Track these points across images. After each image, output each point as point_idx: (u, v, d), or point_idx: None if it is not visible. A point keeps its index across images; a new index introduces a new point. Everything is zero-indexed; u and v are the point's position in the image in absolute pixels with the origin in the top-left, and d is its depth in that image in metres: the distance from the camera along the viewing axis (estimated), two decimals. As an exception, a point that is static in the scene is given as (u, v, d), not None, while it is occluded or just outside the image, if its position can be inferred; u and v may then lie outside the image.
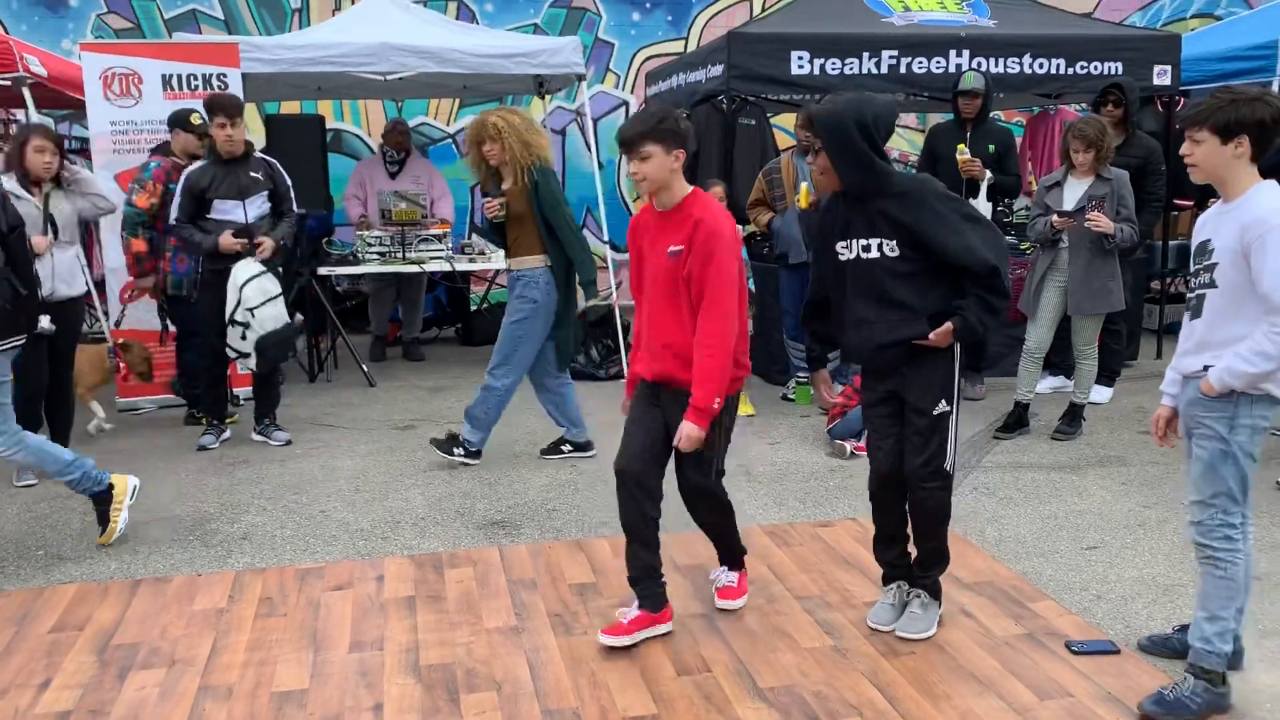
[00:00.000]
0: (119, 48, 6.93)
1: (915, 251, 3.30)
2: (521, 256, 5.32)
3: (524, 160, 5.14)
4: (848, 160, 3.29)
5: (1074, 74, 7.55)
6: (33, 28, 9.77)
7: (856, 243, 3.37)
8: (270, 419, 6.08)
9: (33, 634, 3.64)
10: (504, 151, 5.14)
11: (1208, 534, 2.98)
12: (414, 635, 3.59)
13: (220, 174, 5.72)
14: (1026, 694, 3.15)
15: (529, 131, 5.20)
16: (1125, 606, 3.79)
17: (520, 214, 5.24)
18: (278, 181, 5.92)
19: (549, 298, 5.33)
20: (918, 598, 3.60)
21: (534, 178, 5.16)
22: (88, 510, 4.92)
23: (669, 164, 3.33)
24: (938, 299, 3.35)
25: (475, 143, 5.23)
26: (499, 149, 5.15)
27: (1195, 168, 2.97)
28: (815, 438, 6.06)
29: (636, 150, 3.31)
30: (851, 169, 3.30)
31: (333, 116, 10.40)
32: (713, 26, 10.97)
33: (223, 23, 10.21)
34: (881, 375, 3.49)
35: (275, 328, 5.68)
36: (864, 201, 3.34)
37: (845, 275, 3.43)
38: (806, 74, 7.23)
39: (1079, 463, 5.57)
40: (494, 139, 5.14)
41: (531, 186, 5.17)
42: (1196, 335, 3.01)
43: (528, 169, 5.15)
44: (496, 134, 5.13)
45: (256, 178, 5.80)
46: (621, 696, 3.16)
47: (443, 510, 4.92)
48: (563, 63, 7.76)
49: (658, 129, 3.29)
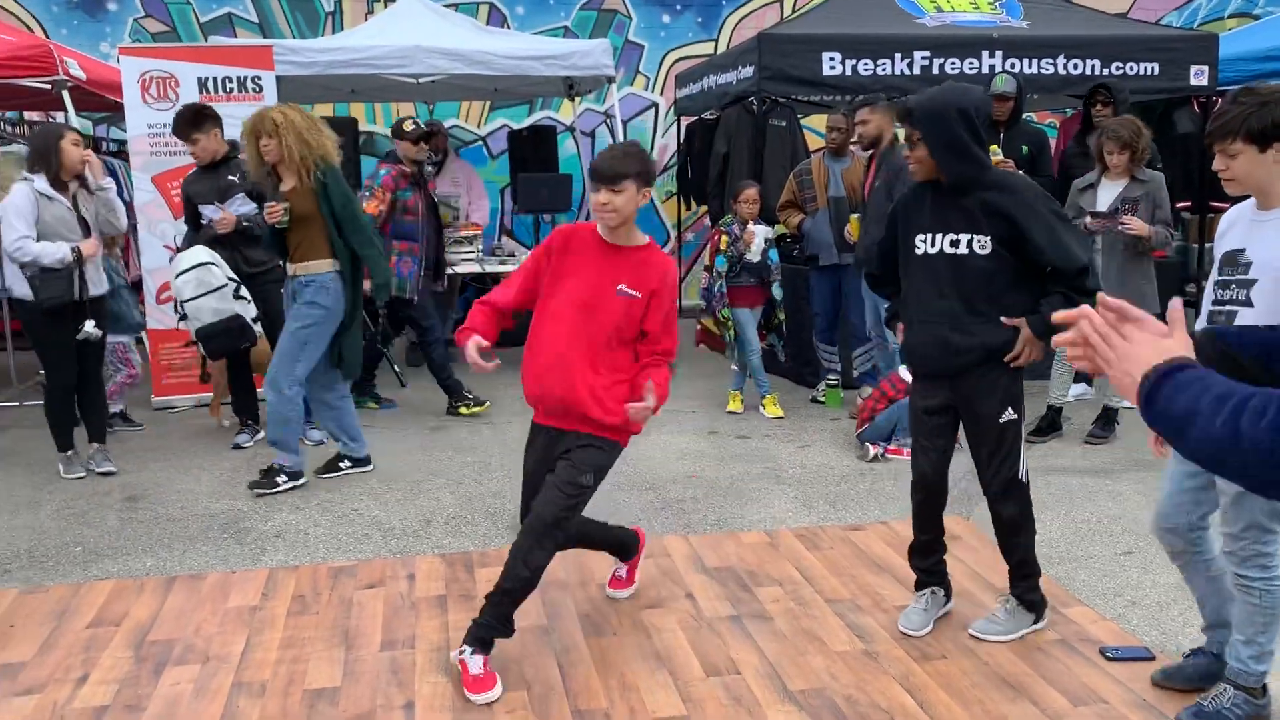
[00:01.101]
0: (156, 51, 7.03)
1: (1007, 250, 3.24)
2: (309, 261, 5.05)
3: (304, 159, 4.92)
4: (950, 150, 3.24)
5: (1109, 75, 7.47)
6: (72, 32, 9.92)
7: (943, 237, 3.30)
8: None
9: (71, 629, 3.69)
10: (281, 148, 4.92)
11: (1241, 563, 2.89)
12: (445, 634, 3.61)
13: (204, 180, 5.85)
14: (1060, 700, 3.12)
15: (311, 130, 4.96)
16: (1161, 613, 3.75)
17: (306, 215, 4.99)
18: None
19: (339, 304, 5.12)
20: (1006, 602, 3.55)
21: (321, 178, 4.96)
22: (124, 508, 5.00)
23: (636, 201, 3.30)
24: (1017, 307, 3.27)
25: (253, 136, 4.97)
26: (275, 145, 4.92)
27: (1233, 182, 2.77)
28: (845, 440, 6.04)
29: (614, 184, 3.23)
30: (954, 159, 3.25)
31: (365, 119, 10.49)
32: (743, 28, 10.96)
33: (257, 26, 10.32)
34: (940, 380, 3.40)
35: (213, 320, 5.57)
36: (963, 194, 3.27)
37: (919, 269, 3.36)
38: (838, 75, 7.21)
39: (1112, 467, 5.52)
40: (271, 135, 4.91)
41: (319, 187, 4.96)
42: None
43: (310, 169, 4.94)
44: (274, 130, 4.90)
45: (233, 180, 5.83)
46: (651, 698, 3.17)
47: (473, 510, 4.95)
48: (592, 65, 7.78)
49: (639, 168, 3.26)
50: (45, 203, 5.17)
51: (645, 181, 3.30)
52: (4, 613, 3.83)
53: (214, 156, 5.78)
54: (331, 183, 4.98)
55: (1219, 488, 2.91)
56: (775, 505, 4.97)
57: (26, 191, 5.15)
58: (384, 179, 6.43)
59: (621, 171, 3.25)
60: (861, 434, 5.75)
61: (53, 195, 5.20)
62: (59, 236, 5.18)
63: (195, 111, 5.79)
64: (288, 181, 5.02)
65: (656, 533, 4.51)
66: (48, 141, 5.24)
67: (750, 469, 5.55)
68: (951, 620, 3.66)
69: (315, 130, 5.00)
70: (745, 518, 4.80)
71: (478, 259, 8.06)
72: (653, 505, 4.98)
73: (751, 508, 4.94)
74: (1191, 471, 2.98)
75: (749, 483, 5.32)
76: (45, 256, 5.10)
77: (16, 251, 5.09)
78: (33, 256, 5.09)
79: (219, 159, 5.80)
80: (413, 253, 6.55)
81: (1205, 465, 1.45)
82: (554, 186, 8.81)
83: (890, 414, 5.66)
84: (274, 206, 4.98)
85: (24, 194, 5.14)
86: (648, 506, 4.87)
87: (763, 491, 5.18)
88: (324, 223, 5.01)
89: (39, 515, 4.94)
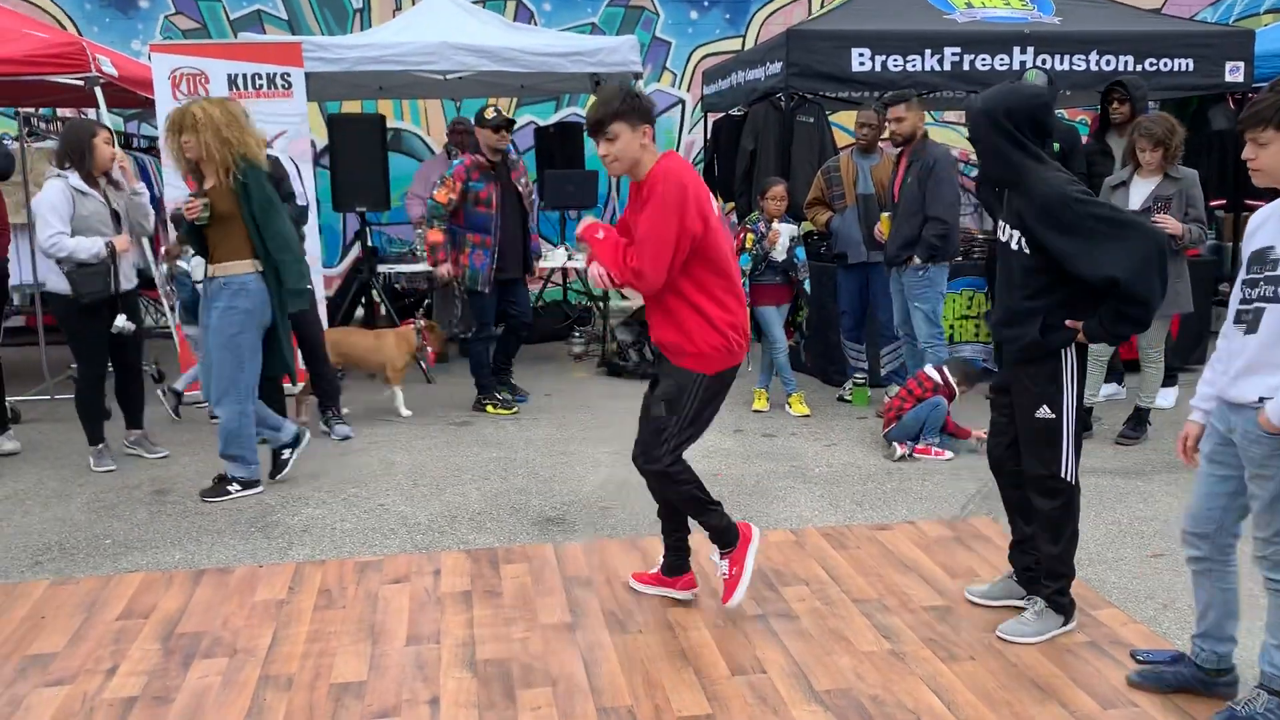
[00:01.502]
0: (186, 48, 7.07)
1: (1037, 251, 3.29)
2: (228, 261, 4.90)
3: (222, 158, 4.77)
4: (982, 151, 3.36)
5: (1142, 71, 7.38)
6: (104, 29, 10.01)
7: (1007, 228, 3.40)
8: (334, 410, 6.18)
9: (101, 621, 3.72)
10: (199, 146, 4.77)
11: (1274, 567, 2.84)
12: (470, 630, 3.61)
13: None
14: (1090, 703, 3.09)
15: (230, 127, 4.78)
16: (1193, 616, 3.68)
17: (226, 215, 4.85)
18: (278, 176, 5.71)
19: (261, 305, 4.95)
20: (1034, 604, 3.53)
21: (241, 178, 4.80)
22: (154, 501, 5.04)
23: (637, 140, 3.33)
24: (1056, 305, 3.29)
25: (175, 132, 4.83)
26: (195, 142, 4.76)
27: (1260, 172, 2.75)
28: (872, 440, 6.00)
29: (603, 132, 3.32)
30: (987, 160, 3.37)
31: (393, 116, 10.52)
32: (770, 24, 10.91)
33: (286, 23, 10.38)
34: (1002, 363, 3.58)
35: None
36: (1006, 191, 3.40)
37: (1000, 254, 3.50)
38: (868, 71, 7.16)
39: (1144, 468, 5.45)
40: (191, 130, 4.75)
41: (239, 187, 4.81)
42: (1248, 354, 2.75)
43: (230, 168, 4.78)
44: (194, 126, 4.74)
45: None
46: (676, 696, 3.16)
47: (498, 506, 4.95)
48: (620, 61, 7.77)
49: (622, 108, 3.30)
50: (80, 198, 5.23)
51: (639, 118, 3.32)
52: (35, 604, 3.87)
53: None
54: (252, 183, 4.82)
55: (1250, 492, 2.86)
56: (801, 504, 4.94)
57: (61, 187, 5.20)
58: (455, 168, 6.39)
59: (604, 116, 3.30)
60: (889, 433, 5.71)
61: (86, 190, 5.26)
62: (93, 231, 5.23)
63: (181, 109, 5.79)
64: (209, 179, 4.86)
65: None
66: (81, 138, 5.29)
67: (776, 468, 5.52)
68: (979, 621, 3.63)
69: (236, 127, 4.82)
70: (771, 516, 4.78)
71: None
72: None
73: (777, 506, 4.92)
74: (1224, 476, 2.93)
75: (775, 481, 5.29)
76: (81, 251, 5.16)
77: (52, 247, 5.14)
78: (68, 252, 5.14)
79: None
80: (484, 245, 6.44)
81: None
82: (580, 182, 8.81)
83: (918, 413, 5.62)
84: (193, 202, 4.82)
85: (58, 190, 5.19)
86: (673, 504, 4.86)
87: (789, 490, 5.16)
88: (244, 222, 4.86)
89: (70, 508, 4.99)
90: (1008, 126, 3.25)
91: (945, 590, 3.91)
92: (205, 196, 4.83)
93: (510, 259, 6.59)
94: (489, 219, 6.44)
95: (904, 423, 5.64)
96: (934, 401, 5.64)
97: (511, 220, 6.56)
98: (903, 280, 6.09)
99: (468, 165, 6.40)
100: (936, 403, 5.64)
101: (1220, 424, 2.91)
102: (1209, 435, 2.97)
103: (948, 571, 4.08)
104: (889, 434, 5.71)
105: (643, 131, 3.34)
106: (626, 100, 3.31)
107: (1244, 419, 2.79)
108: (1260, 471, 2.79)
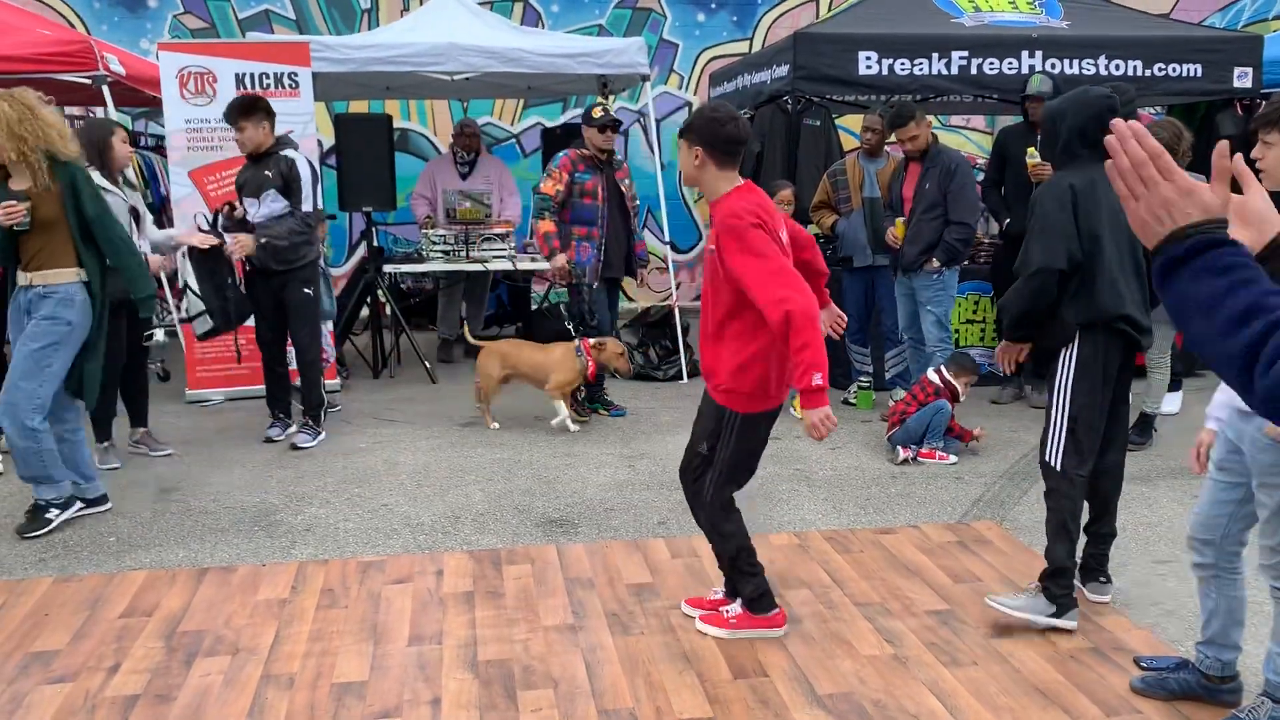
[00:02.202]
0: (194, 47, 7.09)
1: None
2: (49, 269, 4.49)
3: (24, 156, 4.35)
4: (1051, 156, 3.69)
5: (1151, 76, 7.36)
6: (113, 28, 10.04)
7: None
8: (311, 419, 6.08)
9: (103, 618, 3.73)
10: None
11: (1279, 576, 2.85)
12: (472, 630, 3.61)
13: (248, 172, 5.88)
14: (1093, 709, 3.08)
15: (24, 123, 4.34)
16: (1198, 623, 3.67)
17: (49, 220, 4.46)
18: (290, 178, 5.77)
19: (85, 319, 4.56)
20: (1031, 585, 3.64)
21: (67, 178, 4.45)
22: (158, 499, 5.05)
23: (690, 159, 3.35)
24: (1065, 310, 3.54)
25: None
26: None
27: (1265, 173, 2.74)
28: (876, 443, 5.99)
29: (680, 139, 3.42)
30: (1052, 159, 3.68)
31: (400, 116, 10.54)
32: (778, 27, 10.91)
33: (294, 23, 10.40)
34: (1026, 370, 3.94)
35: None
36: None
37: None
38: (875, 74, 7.15)
39: (1149, 474, 5.44)
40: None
41: (67, 188, 4.45)
42: None
43: (39, 167, 4.38)
44: None
45: (269, 175, 5.80)
46: (677, 699, 3.15)
47: (502, 507, 4.95)
48: (627, 63, 7.77)
49: (688, 124, 3.36)
50: (103, 195, 5.25)
51: (697, 139, 3.31)
52: (38, 601, 3.88)
53: (256, 148, 5.79)
54: (81, 183, 4.49)
55: (1258, 500, 2.85)
56: (805, 507, 4.93)
57: None
58: (561, 159, 6.26)
59: (682, 127, 3.38)
60: (892, 437, 5.71)
61: (108, 187, 5.28)
62: None
63: (250, 100, 5.80)
64: (19, 181, 4.44)
65: (684, 533, 4.50)
66: (101, 136, 5.33)
67: (780, 470, 5.51)
68: (982, 627, 3.62)
69: (30, 122, 4.36)
70: (775, 519, 4.77)
71: (510, 256, 8.07)
72: (681, 505, 4.93)
73: (781, 509, 4.91)
74: (1232, 483, 2.93)
75: (779, 484, 5.29)
76: None
77: None
78: None
79: (262, 152, 5.82)
80: (591, 238, 6.30)
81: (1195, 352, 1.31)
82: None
83: (921, 416, 5.61)
84: (13, 207, 4.38)
85: None
86: (676, 506, 4.85)
87: (792, 493, 5.15)
88: (69, 228, 4.49)
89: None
90: (1052, 130, 3.57)
91: (948, 595, 3.90)
92: (26, 198, 4.41)
93: (614, 257, 6.43)
94: (595, 211, 6.28)
95: (908, 427, 5.63)
96: (937, 405, 5.63)
97: (616, 218, 6.41)
98: (914, 284, 6.09)
99: (573, 157, 6.25)
100: (940, 406, 5.63)
101: (1231, 432, 2.90)
102: (1219, 443, 2.96)
103: (951, 576, 4.08)
104: (893, 438, 5.71)
105: (694, 153, 3.32)
106: (694, 117, 3.35)
107: (1253, 427, 2.79)
108: (1267, 480, 2.78)
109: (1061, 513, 3.54)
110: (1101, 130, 3.38)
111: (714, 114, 3.31)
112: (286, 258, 5.84)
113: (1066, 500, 3.55)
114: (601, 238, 6.31)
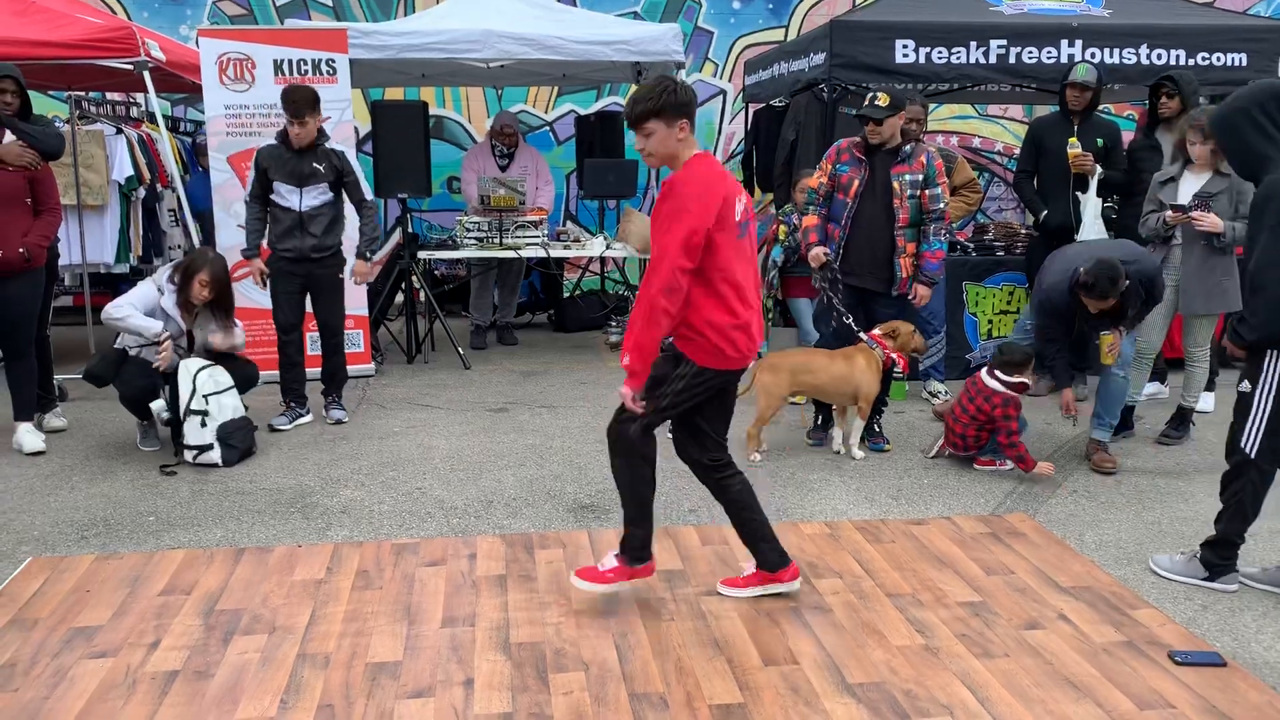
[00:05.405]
0: (234, 33, 7.15)
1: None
2: None
3: None
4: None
5: (1195, 65, 7.25)
6: (153, 14, 10.14)
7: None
8: (334, 396, 6.28)
9: (144, 595, 3.80)
10: None
11: None
12: (504, 613, 3.64)
13: (285, 157, 5.85)
14: (1125, 703, 3.06)
15: None
16: (1233, 619, 3.65)
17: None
18: (344, 171, 5.90)
19: None
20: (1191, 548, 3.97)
21: None
22: (196, 480, 5.12)
23: (673, 135, 3.36)
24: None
25: None
26: None
27: None
28: (909, 433, 5.96)
29: (640, 128, 3.36)
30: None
31: (435, 103, 10.58)
32: (814, 15, 10.84)
33: (331, 10, 10.46)
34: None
35: (234, 416, 5.45)
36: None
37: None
38: (911, 63, 7.09)
39: (1185, 468, 5.38)
40: None
41: None
42: None
43: None
44: None
45: (318, 168, 5.84)
46: (708, 684, 3.17)
47: (534, 492, 4.98)
48: (662, 50, 7.76)
49: (657, 105, 3.32)
50: (161, 315, 5.44)
51: (675, 113, 3.34)
52: (81, 577, 3.95)
53: (310, 141, 5.84)
54: None
55: None
56: (837, 497, 4.93)
57: (153, 295, 5.45)
58: (830, 150, 5.66)
59: (640, 113, 3.35)
60: (972, 455, 5.41)
61: (171, 314, 5.44)
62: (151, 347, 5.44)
63: (315, 94, 5.80)
64: None
65: (714, 521, 4.51)
66: (188, 273, 5.42)
67: (812, 460, 5.51)
68: (1014, 618, 3.61)
69: None
70: (806, 508, 4.77)
71: (543, 243, 8.10)
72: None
73: (812, 498, 4.91)
74: None
75: (810, 473, 5.28)
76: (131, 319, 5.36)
77: (114, 308, 5.36)
78: (123, 317, 5.35)
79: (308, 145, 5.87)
80: (831, 236, 5.59)
81: None
82: (620, 172, 8.80)
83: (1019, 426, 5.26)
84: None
85: (149, 294, 5.46)
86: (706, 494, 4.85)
87: (824, 483, 5.15)
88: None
89: (115, 484, 5.09)
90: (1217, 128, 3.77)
91: (980, 586, 3.89)
92: None
93: (861, 262, 5.54)
94: (843, 207, 5.52)
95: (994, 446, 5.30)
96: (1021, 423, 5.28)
97: (873, 218, 5.48)
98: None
99: (842, 146, 5.59)
100: (1023, 424, 5.29)
101: None
102: None
103: (983, 568, 4.06)
104: (972, 455, 5.39)
105: (679, 126, 3.36)
106: (662, 96, 3.33)
107: None
108: None
109: (1242, 496, 3.74)
110: None
111: (672, 87, 3.36)
112: (327, 244, 5.96)
113: (1250, 486, 3.74)
114: (842, 238, 5.54)
